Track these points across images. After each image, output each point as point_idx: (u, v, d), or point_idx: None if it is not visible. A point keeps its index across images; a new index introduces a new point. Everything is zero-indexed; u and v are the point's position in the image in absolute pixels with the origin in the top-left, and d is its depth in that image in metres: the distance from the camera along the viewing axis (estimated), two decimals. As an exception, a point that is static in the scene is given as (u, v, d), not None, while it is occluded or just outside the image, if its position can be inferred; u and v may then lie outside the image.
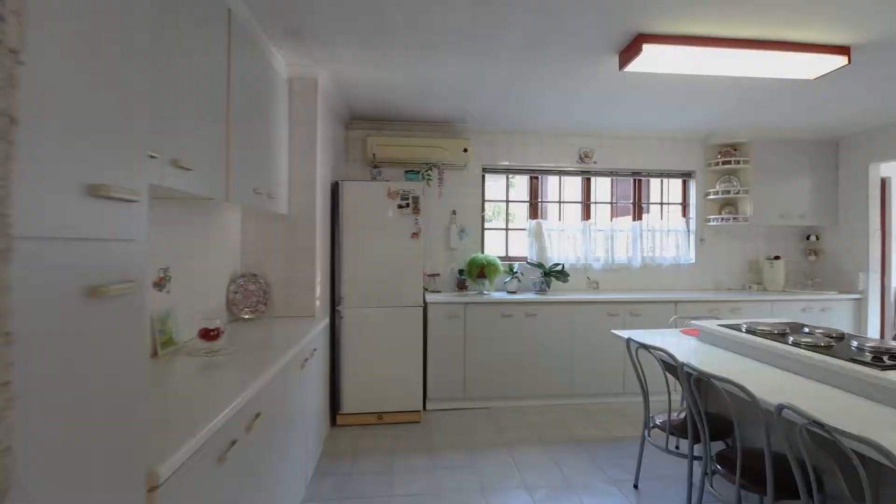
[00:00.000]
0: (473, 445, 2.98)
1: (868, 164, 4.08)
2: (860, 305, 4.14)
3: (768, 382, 1.82)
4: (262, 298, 2.63)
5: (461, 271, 3.98)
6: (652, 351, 2.24)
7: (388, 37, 2.37)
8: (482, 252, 4.16)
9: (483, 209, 4.23)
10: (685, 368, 1.98)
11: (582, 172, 4.37)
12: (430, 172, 3.79)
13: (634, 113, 3.68)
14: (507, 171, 4.28)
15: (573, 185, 4.52)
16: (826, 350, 1.94)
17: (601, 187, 4.68)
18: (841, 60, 2.45)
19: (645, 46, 2.31)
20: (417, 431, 3.19)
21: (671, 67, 2.54)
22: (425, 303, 3.51)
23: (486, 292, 3.85)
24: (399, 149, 3.84)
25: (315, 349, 2.48)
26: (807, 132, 4.22)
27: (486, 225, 4.31)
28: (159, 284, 1.89)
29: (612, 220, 4.43)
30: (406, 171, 3.89)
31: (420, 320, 3.34)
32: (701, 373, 1.83)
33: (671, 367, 2.20)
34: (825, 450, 1.39)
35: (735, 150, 4.32)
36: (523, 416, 3.46)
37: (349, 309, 3.25)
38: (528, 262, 4.12)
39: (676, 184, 4.60)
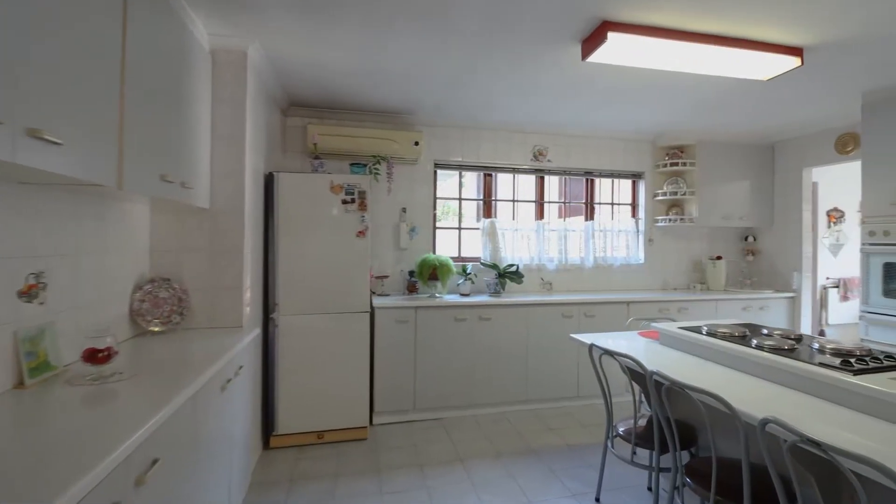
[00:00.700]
0: (425, 463, 2.74)
1: (801, 168, 4.28)
2: (794, 303, 4.34)
3: (739, 390, 1.72)
4: (176, 307, 2.23)
5: (412, 273, 3.72)
6: (617, 358, 2.10)
7: (331, 8, 2.07)
8: (434, 252, 3.93)
9: (435, 207, 4.00)
10: (655, 377, 1.85)
11: (536, 171, 4.25)
12: (378, 166, 3.50)
13: (590, 110, 3.60)
14: (460, 167, 4.07)
15: (526, 183, 4.40)
16: (790, 353, 1.89)
17: (554, 186, 4.60)
18: (794, 62, 2.46)
19: (610, 35, 2.17)
20: (363, 450, 2.89)
21: (634, 60, 2.43)
22: (372, 308, 3.22)
23: (438, 295, 3.61)
24: (344, 140, 3.52)
25: (242, 366, 2.13)
26: (747, 137, 4.37)
27: (438, 224, 4.07)
28: (29, 294, 1.48)
29: (564, 220, 4.35)
30: (352, 164, 3.57)
31: (367, 327, 3.04)
32: (674, 382, 1.69)
33: (637, 374, 2.08)
34: (804, 462, 1.29)
35: (682, 152, 4.40)
36: (478, 427, 3.26)
37: (285, 317, 2.88)
38: (481, 263, 3.94)
39: (626, 184, 4.62)
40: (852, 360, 1.71)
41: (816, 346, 1.97)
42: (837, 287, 4.84)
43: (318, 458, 2.78)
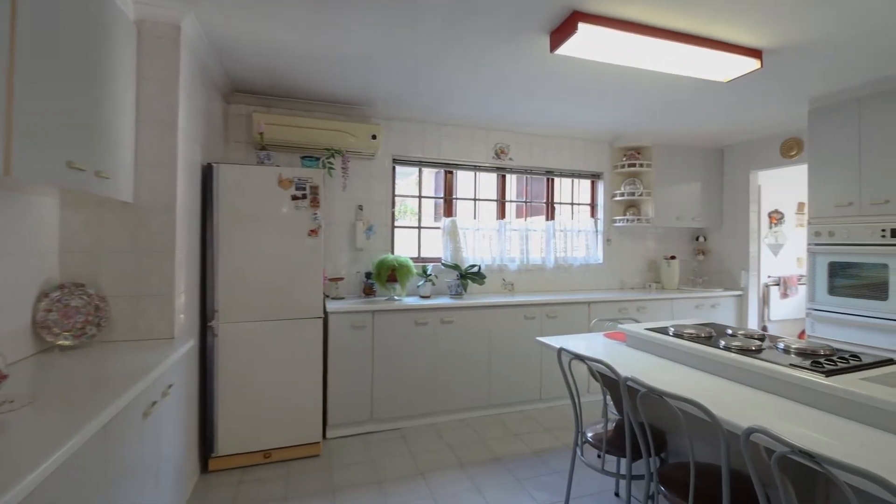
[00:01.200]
0: (384, 479, 2.54)
1: (749, 171, 4.45)
2: (742, 301, 4.51)
3: (713, 394, 1.66)
4: (91, 317, 1.91)
5: (369, 275, 3.50)
6: (588, 363, 2.01)
7: (276, -26, 1.84)
8: (392, 252, 3.73)
9: (393, 204, 3.80)
10: (629, 383, 1.76)
11: (497, 169, 4.15)
12: (332, 160, 3.26)
13: (553, 108, 3.54)
14: (420, 163, 3.90)
15: (488, 181, 4.29)
16: (758, 354, 1.87)
17: (514, 185, 4.53)
18: (754, 63, 2.49)
19: (581, 26, 2.09)
20: (316, 468, 2.65)
21: (602, 55, 2.37)
22: (326, 312, 2.98)
23: (397, 298, 3.42)
24: (294, 131, 3.25)
25: (171, 384, 1.84)
26: (699, 140, 4.49)
27: (397, 222, 3.88)
28: None
29: (525, 220, 4.28)
30: (303, 158, 3.31)
31: (319, 333, 2.80)
32: (651, 390, 1.61)
33: (608, 379, 2.00)
34: (782, 468, 1.23)
35: (639, 153, 4.45)
36: (439, 436, 3.10)
37: (227, 324, 2.59)
38: (442, 264, 3.78)
39: (586, 184, 4.62)
40: (822, 361, 1.70)
41: (782, 346, 1.97)
42: (778, 285, 5.10)
43: (265, 479, 2.52)
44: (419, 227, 3.96)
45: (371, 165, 3.67)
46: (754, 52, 2.46)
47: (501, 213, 4.22)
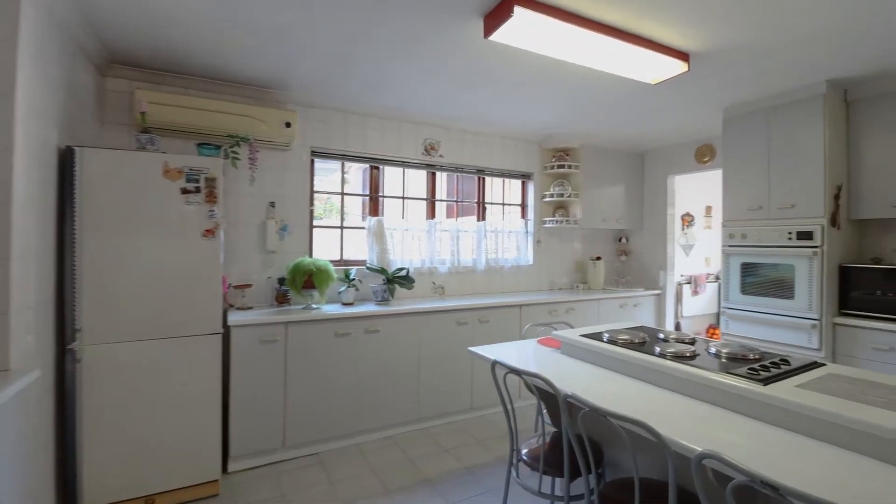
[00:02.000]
0: (298, 518, 2.20)
1: (666, 176, 4.64)
2: (660, 300, 4.69)
3: (654, 408, 1.56)
4: None
5: (282, 280, 3.10)
6: (526, 378, 1.84)
7: None
8: (310, 255, 3.35)
9: (312, 202, 3.42)
10: (569, 400, 1.61)
11: (427, 166, 3.92)
12: (236, 149, 2.82)
13: (486, 104, 3.38)
14: (343, 157, 3.55)
15: (417, 179, 4.05)
16: (693, 360, 1.81)
17: (444, 183, 4.34)
18: (682, 66, 2.48)
19: (516, 9, 1.92)
20: (214, 512, 2.24)
21: (536, 44, 2.22)
22: (227, 326, 2.56)
23: (315, 306, 3.06)
24: (190, 112, 2.77)
25: (-9, 436, 1.38)
26: (623, 144, 4.60)
27: (316, 222, 3.51)
28: None
29: (456, 220, 4.10)
30: (200, 145, 2.83)
31: (218, 351, 2.38)
32: (595, 409, 1.46)
33: (545, 391, 1.84)
34: (723, 483, 1.13)
35: (567, 154, 4.46)
36: (363, 458, 2.80)
37: (94, 346, 2.10)
38: (367, 267, 3.47)
39: (517, 184, 4.55)
40: (757, 368, 1.66)
41: (713, 350, 1.94)
42: (690, 283, 5.41)
43: (146, 534, 2.07)
44: (341, 227, 3.62)
45: (286, 157, 3.27)
46: (682, 55, 2.46)
47: (431, 213, 4.00)
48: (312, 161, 3.43)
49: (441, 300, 3.63)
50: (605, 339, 2.16)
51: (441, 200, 4.10)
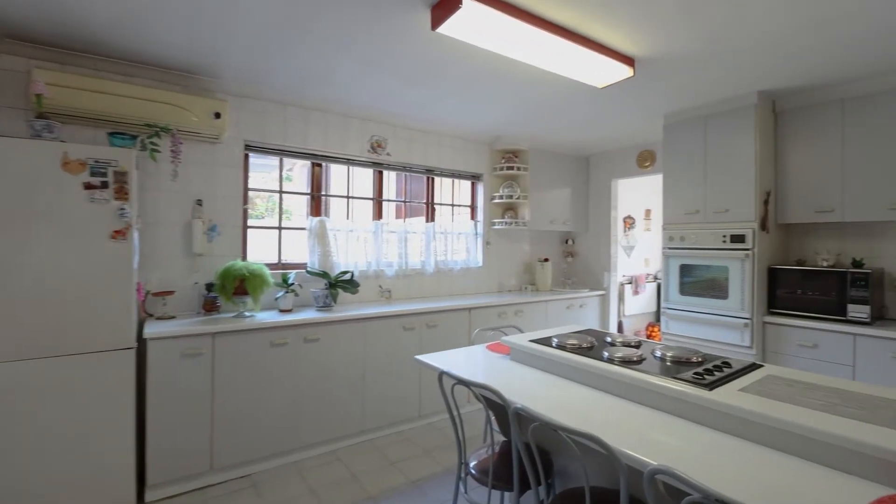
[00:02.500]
0: (224, 552, 1.98)
1: (610, 179, 4.76)
2: (604, 300, 4.80)
3: (604, 417, 1.51)
4: None
5: (210, 286, 2.82)
6: (474, 389, 1.74)
7: None
8: (243, 258, 3.09)
9: (246, 200, 3.15)
10: (520, 413, 1.53)
11: (374, 164, 3.75)
12: (156, 140, 2.52)
13: (435, 102, 3.27)
14: (281, 152, 3.31)
15: (363, 178, 3.88)
16: (639, 365, 1.79)
17: (392, 183, 4.18)
18: (627, 71, 2.50)
19: (465, 1, 1.81)
20: (124, 552, 1.97)
21: (485, 40, 2.14)
22: (143, 339, 2.27)
23: (248, 314, 2.81)
24: (100, 98, 2.44)
25: None
26: (569, 148, 4.66)
27: (251, 222, 3.24)
28: None
29: (404, 221, 3.96)
30: (112, 134, 2.51)
31: (131, 368, 2.10)
32: (547, 423, 1.39)
33: (494, 402, 1.76)
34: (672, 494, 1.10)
35: (516, 156, 4.45)
36: (301, 477, 2.60)
37: (-32, 367, 1.77)
38: (307, 271, 3.25)
39: (466, 185, 4.48)
40: (701, 372, 1.67)
41: (658, 354, 1.94)
42: (631, 283, 5.61)
43: (35, 586, 1.76)
44: (279, 228, 3.36)
45: (215, 151, 2.99)
46: (628, 60, 2.47)
47: (378, 214, 3.83)
48: (247, 156, 3.16)
49: (388, 305, 3.48)
50: (554, 345, 2.11)
51: (388, 200, 3.95)
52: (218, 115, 2.78)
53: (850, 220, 2.84)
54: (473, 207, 4.50)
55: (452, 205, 4.36)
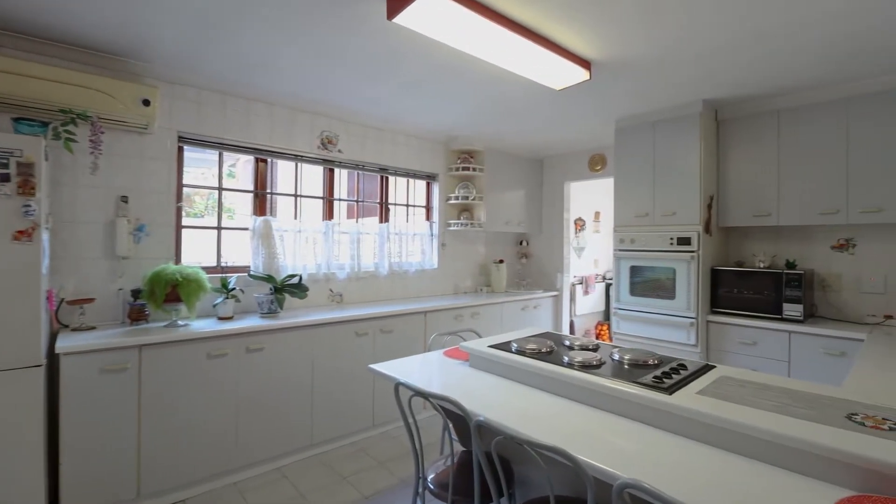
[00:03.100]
0: (152, 593, 1.76)
1: (563, 182, 4.83)
2: (557, 301, 4.87)
3: (572, 424, 1.47)
4: None
5: (137, 293, 2.54)
6: (434, 401, 1.65)
7: None
8: (177, 261, 2.81)
9: (180, 197, 2.88)
10: (484, 425, 1.45)
11: (325, 161, 3.57)
12: (71, 128, 2.23)
13: (390, 98, 3.14)
14: (221, 145, 3.05)
15: (313, 176, 3.68)
16: (598, 369, 1.78)
17: (344, 182, 4.01)
18: (584, 74, 2.50)
19: (421, -13, 1.72)
20: None
21: (444, 33, 2.05)
22: (54, 354, 1.99)
23: (182, 323, 2.55)
24: (5, 78, 2.12)
25: None
26: (524, 150, 4.68)
27: (187, 221, 2.97)
28: None
29: (357, 221, 3.80)
30: (18, 120, 2.19)
31: (38, 388, 1.83)
32: (512, 437, 1.32)
33: (453, 412, 1.68)
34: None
35: (472, 157, 4.40)
36: (243, 499, 2.39)
37: None
38: (250, 275, 3.02)
39: (421, 185, 4.38)
40: (660, 375, 1.67)
41: (617, 356, 1.93)
42: (581, 283, 5.74)
43: None
44: (219, 228, 3.10)
45: (144, 142, 2.70)
46: (585, 63, 2.48)
47: (329, 214, 3.65)
48: (181, 148, 2.89)
49: (339, 309, 3.31)
50: (513, 350, 2.06)
51: (340, 200, 3.77)
52: (147, 103, 2.51)
53: (785, 224, 3.02)
54: (429, 208, 4.41)
55: (407, 205, 4.24)
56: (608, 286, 6.04)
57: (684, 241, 3.20)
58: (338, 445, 3.01)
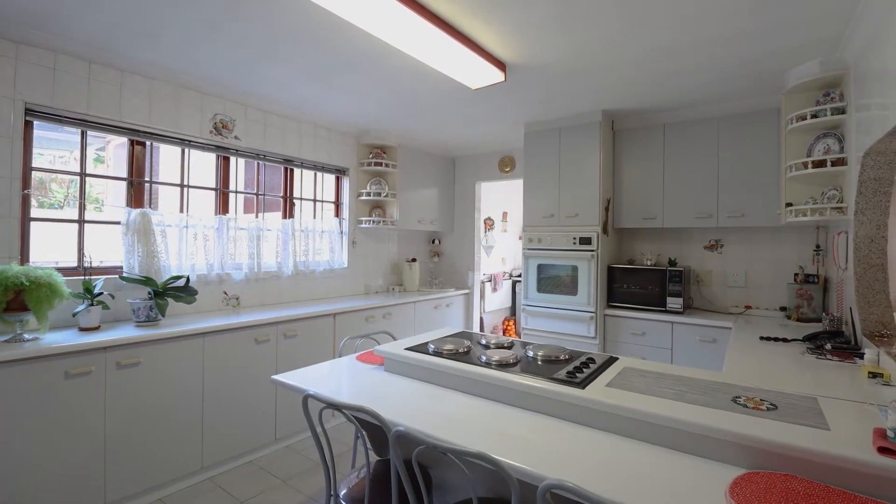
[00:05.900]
0: None
1: (475, 182, 4.91)
2: (469, 298, 4.94)
3: (494, 426, 1.44)
4: None
5: (-38, 300, 2.01)
6: (346, 412, 1.52)
7: None
8: (22, 262, 2.30)
9: (27, 184, 2.35)
10: (403, 436, 1.36)
11: (218, 148, 3.18)
12: None
13: (295, 81, 2.88)
14: (84, 122, 2.56)
15: (203, 164, 3.26)
16: (514, 367, 1.79)
17: (241, 173, 3.62)
18: (499, 76, 2.53)
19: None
20: None
21: (357, 14, 1.92)
22: None
23: (30, 336, 2.08)
24: None
25: None
26: (437, 148, 4.66)
27: (39, 213, 2.44)
28: None
29: (258, 217, 3.46)
30: None
31: None
32: (435, 446, 1.24)
33: (368, 422, 1.56)
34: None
35: (384, 152, 4.27)
36: (115, 542, 2.02)
37: None
38: (122, 277, 2.58)
39: (330, 180, 4.14)
40: (572, 369, 1.72)
41: (531, 353, 1.97)
42: (490, 281, 5.91)
43: None
44: (81, 221, 2.60)
45: (-27, 112, 2.15)
46: (501, 65, 2.50)
47: (224, 207, 3.27)
48: (29, 123, 2.36)
49: (235, 315, 2.98)
50: (430, 351, 2.00)
51: (237, 192, 3.40)
52: (-24, 63, 2.00)
53: (668, 226, 3.37)
54: (338, 204, 4.18)
55: (315, 200, 3.98)
56: (514, 283, 6.31)
57: (586, 240, 3.42)
58: (234, 466, 2.70)
